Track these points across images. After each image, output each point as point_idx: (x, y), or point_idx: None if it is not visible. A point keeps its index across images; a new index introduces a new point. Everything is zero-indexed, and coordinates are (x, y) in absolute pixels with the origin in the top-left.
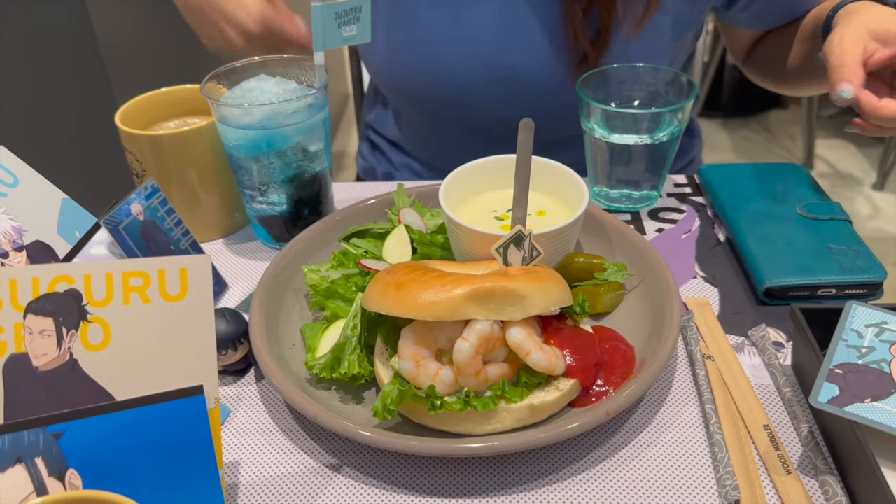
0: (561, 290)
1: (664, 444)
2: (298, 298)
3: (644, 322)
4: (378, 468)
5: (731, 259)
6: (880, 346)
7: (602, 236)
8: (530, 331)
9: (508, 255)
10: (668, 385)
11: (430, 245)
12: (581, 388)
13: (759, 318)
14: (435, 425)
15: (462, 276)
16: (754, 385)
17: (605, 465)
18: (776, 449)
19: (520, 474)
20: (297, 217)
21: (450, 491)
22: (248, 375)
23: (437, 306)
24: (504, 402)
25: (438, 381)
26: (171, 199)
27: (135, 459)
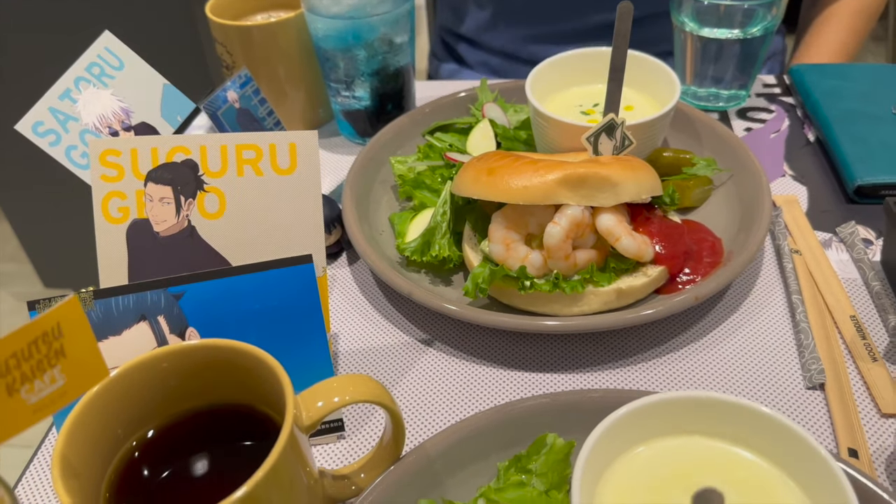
0: (652, 179)
1: (749, 330)
2: (385, 189)
3: (732, 216)
4: (467, 343)
5: (820, 158)
6: None
7: (691, 133)
8: (620, 218)
9: (599, 144)
10: (755, 276)
11: (513, 140)
12: (668, 275)
13: (848, 216)
14: (523, 306)
15: (555, 162)
16: (842, 279)
17: (690, 348)
18: (862, 338)
19: (605, 353)
20: (381, 111)
21: (534, 364)
22: (340, 259)
23: (530, 190)
24: (592, 285)
25: (528, 264)
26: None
27: (250, 321)
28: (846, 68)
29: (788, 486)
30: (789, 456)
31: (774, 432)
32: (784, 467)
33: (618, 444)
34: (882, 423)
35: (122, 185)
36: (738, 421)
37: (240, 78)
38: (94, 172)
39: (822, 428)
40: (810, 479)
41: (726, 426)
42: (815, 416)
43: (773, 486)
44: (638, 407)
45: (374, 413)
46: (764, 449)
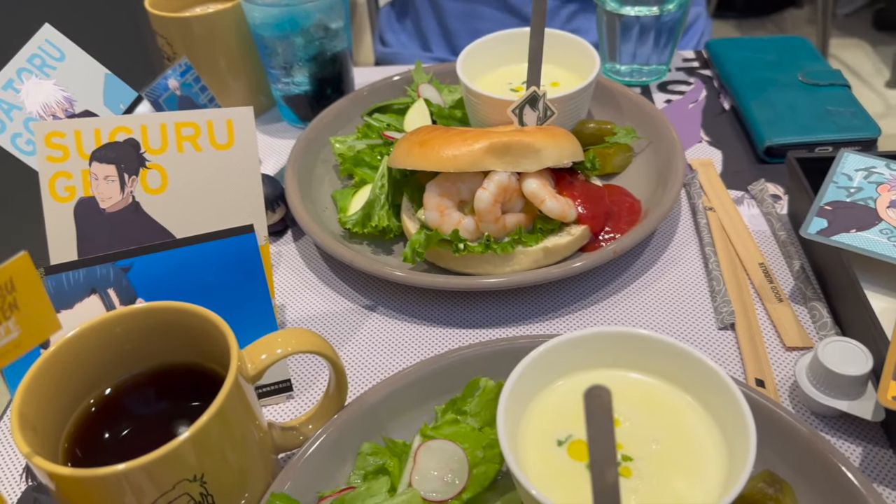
0: (573, 145)
1: (668, 280)
2: (327, 169)
3: (650, 180)
4: (408, 306)
5: (734, 124)
6: (868, 186)
7: (613, 106)
8: (544, 182)
9: (524, 115)
10: (672, 233)
11: (448, 118)
12: (591, 234)
13: (758, 175)
14: (459, 268)
15: (482, 133)
16: (752, 231)
17: (613, 298)
18: (770, 282)
19: (536, 307)
20: (320, 96)
21: (473, 323)
22: (286, 236)
23: (459, 159)
24: (521, 245)
25: (461, 229)
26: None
27: (197, 290)
28: (757, 41)
29: (694, 408)
30: (696, 382)
31: (683, 362)
32: (690, 391)
33: (540, 379)
34: (786, 355)
35: (68, 165)
36: (651, 354)
37: (180, 66)
38: (40, 154)
39: (732, 362)
40: (716, 403)
41: (641, 359)
42: (726, 352)
43: (681, 408)
44: (556, 344)
45: (320, 373)
46: (673, 377)
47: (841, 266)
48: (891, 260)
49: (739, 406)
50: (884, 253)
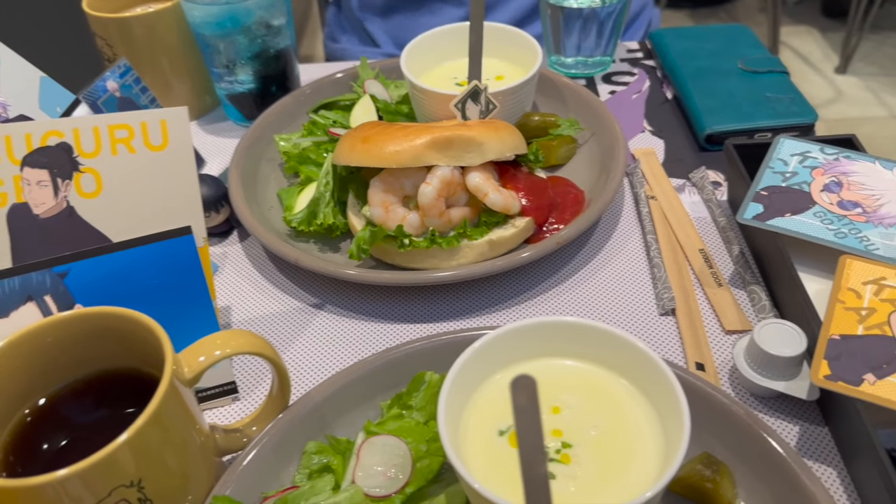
0: (515, 138)
1: (611, 269)
2: (273, 167)
3: (594, 170)
4: (356, 303)
5: (676, 113)
6: (803, 171)
7: (558, 98)
8: (488, 175)
9: (466, 109)
10: (615, 222)
11: (395, 114)
12: (535, 226)
13: (700, 163)
14: (405, 263)
15: (424, 128)
16: (693, 218)
17: (559, 288)
18: (710, 267)
19: (483, 300)
20: (265, 94)
21: (421, 317)
22: (231, 237)
23: (401, 154)
24: (466, 239)
25: (406, 224)
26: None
27: (135, 295)
28: (699, 30)
29: (631, 393)
30: (632, 366)
31: (620, 348)
32: (628, 376)
33: (482, 370)
34: (726, 339)
35: None
36: (589, 341)
37: (119, 67)
38: None
39: (673, 347)
40: (652, 387)
41: (579, 346)
42: (667, 337)
43: (619, 393)
44: (496, 336)
45: (266, 374)
46: (611, 363)
47: (776, 250)
48: (823, 242)
49: (673, 389)
50: (817, 235)
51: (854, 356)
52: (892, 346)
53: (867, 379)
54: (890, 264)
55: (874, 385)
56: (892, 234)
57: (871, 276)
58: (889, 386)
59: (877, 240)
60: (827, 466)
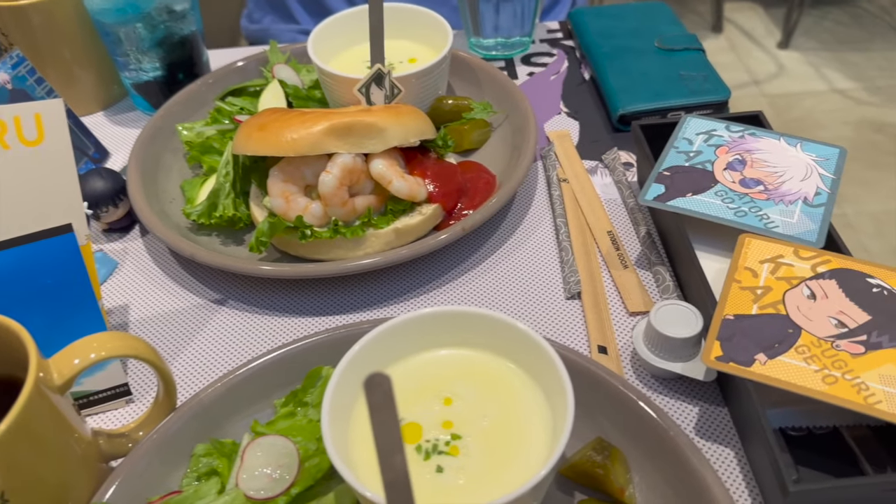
0: (420, 123)
1: (521, 254)
2: (178, 158)
3: (507, 154)
4: (259, 298)
5: (593, 94)
6: (707, 150)
7: (473, 81)
8: (392, 162)
9: (371, 94)
10: (527, 206)
11: (306, 99)
12: (444, 212)
13: (613, 144)
14: (309, 255)
15: (323, 114)
16: (603, 200)
17: (468, 275)
18: (616, 249)
19: (391, 290)
20: (172, 81)
21: (326, 310)
22: (133, 232)
23: (299, 142)
24: (372, 228)
25: (308, 214)
26: (48, 76)
27: (17, 297)
28: (618, 8)
29: (523, 381)
30: (524, 353)
31: (510, 335)
32: (522, 364)
33: (373, 364)
34: (630, 321)
35: None
36: (481, 329)
37: (11, 58)
38: None
39: (578, 331)
40: (543, 374)
41: (472, 335)
42: (572, 321)
43: (511, 381)
44: (386, 329)
45: None
46: (504, 350)
47: (678, 230)
48: (721, 221)
49: (557, 371)
50: (716, 214)
51: (747, 336)
52: (786, 324)
53: (758, 359)
54: (788, 242)
55: (765, 365)
56: (791, 212)
57: (769, 254)
58: (780, 366)
59: (777, 217)
60: (724, 447)
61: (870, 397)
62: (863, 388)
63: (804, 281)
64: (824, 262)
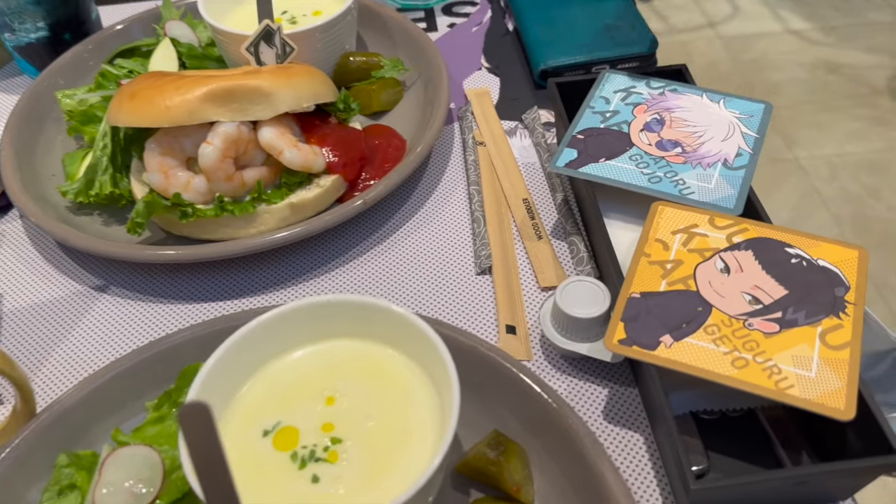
0: (315, 84)
1: (433, 225)
2: (61, 129)
3: (421, 116)
4: (144, 283)
5: (516, 47)
6: (624, 109)
7: (386, 35)
8: (283, 130)
9: (261, 54)
10: (441, 174)
11: (202, 58)
12: (346, 183)
13: (535, 102)
14: (195, 234)
15: (200, 77)
16: (521, 164)
17: (376, 250)
18: (532, 218)
19: (290, 269)
20: (58, 42)
21: (218, 294)
22: (12, 212)
23: (173, 111)
24: (264, 204)
25: (191, 191)
26: None
27: None
28: None
29: (414, 373)
30: (414, 344)
31: (399, 325)
32: (413, 356)
33: (247, 361)
34: (542, 296)
35: None
36: (369, 319)
37: None
38: None
39: (488, 309)
40: (428, 360)
41: (360, 325)
42: (483, 298)
43: (402, 375)
44: (259, 323)
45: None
46: (396, 341)
47: (589, 198)
48: (633, 188)
49: (446, 366)
50: (629, 181)
51: (653, 316)
52: (696, 302)
53: (664, 341)
54: (703, 210)
55: (671, 348)
56: (709, 176)
57: (682, 223)
58: (687, 348)
59: (693, 182)
60: (634, 432)
61: (781, 381)
62: (775, 371)
63: (718, 253)
64: (741, 230)
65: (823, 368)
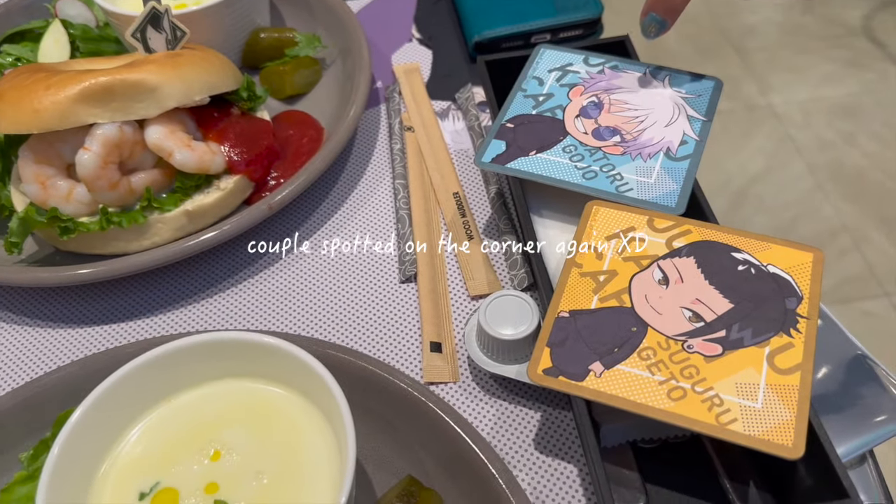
0: (208, 73)
1: (353, 225)
2: None
3: (342, 99)
4: (30, 307)
5: (452, 16)
6: (559, 92)
7: (303, 7)
8: (174, 127)
9: (149, 40)
10: (364, 166)
11: (98, 41)
12: (253, 182)
13: (470, 79)
14: (83, 250)
15: (74, 74)
16: (453, 151)
17: (288, 259)
18: (462, 216)
19: (192, 284)
20: None
21: (113, 316)
22: None
23: (43, 114)
24: (157, 212)
25: (73, 202)
26: None
27: None
28: None
29: (310, 415)
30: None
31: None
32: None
33: (123, 413)
34: (472, 306)
35: None
36: (255, 355)
37: None
38: None
39: (412, 323)
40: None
41: (248, 363)
42: (407, 310)
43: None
44: (135, 368)
45: None
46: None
47: (520, 196)
48: (565, 185)
49: (335, 399)
50: (561, 178)
51: (582, 339)
52: (630, 321)
53: (594, 370)
54: (641, 209)
55: (601, 377)
56: (650, 169)
57: (618, 226)
58: (618, 377)
59: (631, 177)
60: (567, 462)
61: (723, 415)
62: (715, 402)
63: (656, 261)
64: (683, 233)
65: (771, 397)
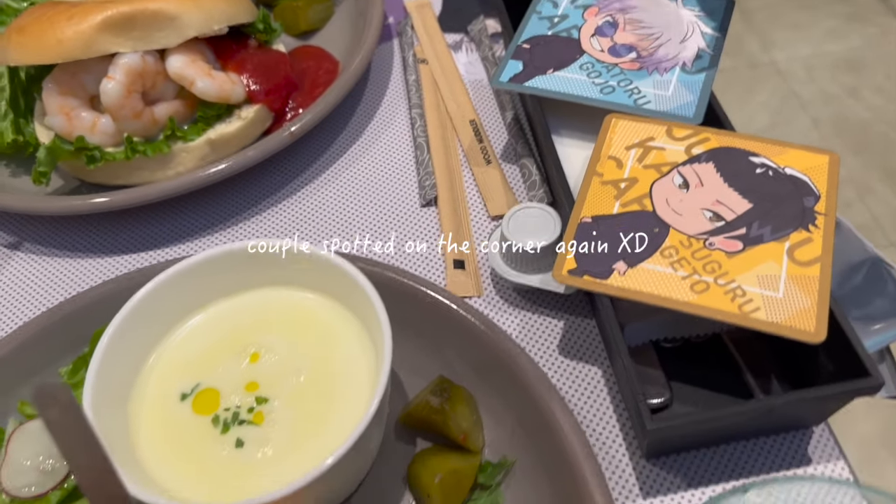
0: (226, 4)
1: (373, 154)
2: None
3: (355, 34)
4: (59, 237)
5: None
6: (574, 13)
7: None
8: (195, 57)
9: None
10: (380, 97)
11: None
12: (272, 114)
13: (481, 11)
14: (109, 181)
15: (96, 4)
16: (468, 81)
17: (311, 186)
18: (479, 142)
19: (215, 213)
20: None
21: (142, 244)
22: None
23: (66, 44)
24: (181, 142)
25: (98, 132)
26: None
27: None
28: None
29: (348, 321)
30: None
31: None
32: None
33: (164, 318)
34: (492, 226)
35: None
36: (286, 264)
37: None
38: None
39: (434, 243)
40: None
41: (280, 271)
42: (429, 232)
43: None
44: (171, 276)
45: None
46: (326, 287)
47: (537, 114)
48: (584, 101)
49: (376, 311)
50: (579, 93)
51: (606, 241)
52: (651, 222)
53: (617, 269)
54: (660, 120)
55: (624, 275)
56: (667, 82)
57: (638, 136)
58: (642, 274)
59: (649, 91)
60: (592, 365)
61: (746, 304)
62: (738, 293)
63: (676, 167)
64: (701, 141)
65: (791, 287)
